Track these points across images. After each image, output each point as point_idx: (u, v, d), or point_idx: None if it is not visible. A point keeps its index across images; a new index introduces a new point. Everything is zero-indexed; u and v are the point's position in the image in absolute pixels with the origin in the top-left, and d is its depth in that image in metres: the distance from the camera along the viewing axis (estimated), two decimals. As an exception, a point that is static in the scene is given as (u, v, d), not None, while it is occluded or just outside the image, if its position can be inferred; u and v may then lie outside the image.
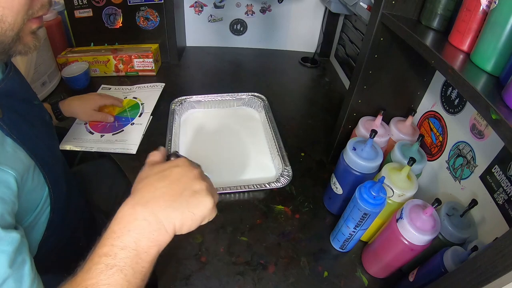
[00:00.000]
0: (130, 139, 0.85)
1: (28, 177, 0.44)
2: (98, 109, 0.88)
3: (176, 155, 0.45)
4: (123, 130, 0.89)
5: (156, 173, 0.40)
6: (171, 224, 0.37)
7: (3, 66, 0.47)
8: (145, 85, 1.08)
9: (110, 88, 1.07)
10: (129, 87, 1.08)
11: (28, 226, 0.46)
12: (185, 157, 0.43)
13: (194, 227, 0.39)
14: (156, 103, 0.99)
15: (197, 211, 0.38)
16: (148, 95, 1.02)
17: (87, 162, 0.93)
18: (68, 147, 0.82)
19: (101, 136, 0.86)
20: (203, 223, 0.40)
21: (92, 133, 0.87)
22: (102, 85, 1.07)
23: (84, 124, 0.90)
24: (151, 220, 0.36)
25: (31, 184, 0.44)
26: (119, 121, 0.92)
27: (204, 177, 0.42)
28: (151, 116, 0.94)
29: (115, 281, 0.34)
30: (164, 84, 1.07)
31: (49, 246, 0.53)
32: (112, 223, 0.37)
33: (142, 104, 0.99)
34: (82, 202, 0.69)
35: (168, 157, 0.45)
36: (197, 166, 0.44)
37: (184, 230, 0.39)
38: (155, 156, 0.44)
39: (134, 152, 0.82)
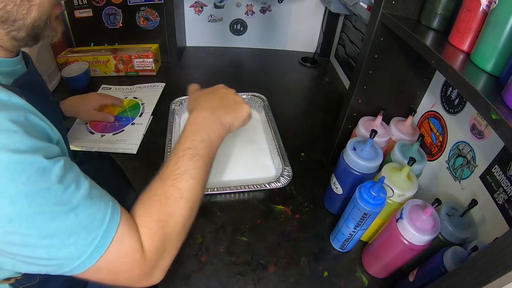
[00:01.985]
0: (131, 139, 0.85)
1: None
2: (98, 108, 0.88)
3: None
4: (123, 130, 0.89)
5: (207, 93, 0.57)
6: (228, 122, 0.53)
7: (22, 60, 0.48)
8: (146, 85, 1.08)
9: (111, 88, 1.07)
10: (129, 87, 1.08)
11: None
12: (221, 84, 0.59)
13: (239, 126, 0.55)
14: (157, 103, 0.99)
15: (241, 114, 0.55)
16: (149, 95, 1.02)
17: (87, 162, 0.93)
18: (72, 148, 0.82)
19: (102, 136, 0.86)
20: (245, 124, 0.57)
21: (93, 133, 0.87)
22: (102, 85, 1.07)
23: (85, 124, 0.90)
24: (215, 120, 0.51)
25: None
26: (120, 121, 0.92)
27: (238, 94, 0.58)
28: (152, 116, 0.94)
29: (200, 165, 0.46)
30: (164, 84, 1.07)
31: None
32: (187, 126, 0.50)
33: (142, 104, 0.99)
34: None
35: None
36: (231, 88, 0.60)
37: (234, 127, 0.55)
38: (194, 86, 0.61)
39: (135, 152, 0.82)
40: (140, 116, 0.94)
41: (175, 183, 0.44)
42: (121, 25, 1.16)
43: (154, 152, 0.82)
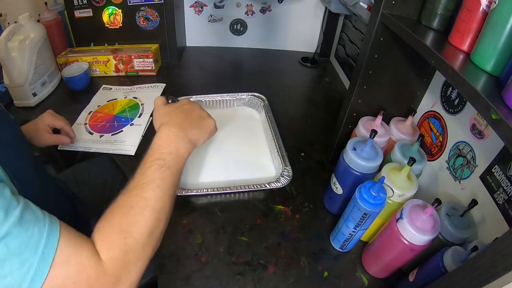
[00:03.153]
0: (129, 140, 0.85)
1: None
2: (50, 131, 0.76)
3: (173, 99, 0.63)
4: (122, 131, 0.88)
5: (173, 110, 0.58)
6: (194, 138, 0.55)
7: None
8: (146, 85, 1.08)
9: (111, 88, 1.07)
10: (129, 87, 1.07)
11: None
12: (185, 98, 0.61)
13: (205, 140, 0.58)
14: None
15: (207, 128, 0.58)
16: (149, 96, 1.02)
17: (87, 161, 0.93)
18: (67, 147, 0.82)
19: (100, 136, 0.86)
20: (210, 137, 0.60)
21: (92, 134, 0.87)
22: (103, 85, 1.07)
23: (84, 124, 0.90)
24: (183, 136, 0.53)
25: None
26: (119, 121, 0.92)
27: (203, 108, 0.61)
28: (151, 117, 0.94)
29: (167, 175, 0.47)
30: (165, 84, 1.07)
31: None
32: (156, 141, 0.51)
33: (142, 104, 0.98)
34: (62, 201, 0.67)
35: (167, 99, 0.62)
36: (195, 103, 0.62)
37: (201, 142, 0.57)
38: (160, 99, 0.61)
39: (133, 154, 0.82)
40: (139, 116, 0.94)
41: (141, 192, 0.43)
42: (121, 25, 1.16)
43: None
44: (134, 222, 0.40)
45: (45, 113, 0.77)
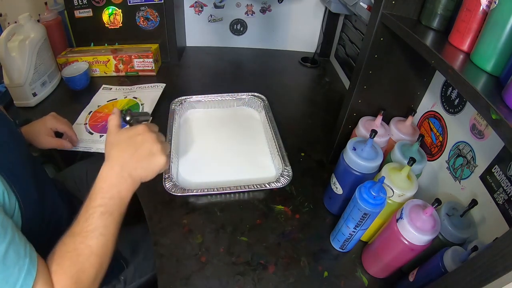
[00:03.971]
0: None
1: None
2: (53, 134, 0.76)
3: (132, 116, 0.55)
4: None
5: (122, 141, 0.52)
6: (139, 177, 0.52)
7: None
8: (146, 85, 1.08)
9: (111, 88, 1.07)
10: (129, 87, 1.07)
11: None
12: (143, 124, 0.54)
13: (152, 177, 0.54)
14: (156, 103, 0.99)
15: (155, 167, 0.53)
16: (149, 95, 1.02)
17: (86, 161, 0.93)
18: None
19: (100, 136, 0.86)
20: (159, 173, 0.55)
21: (92, 133, 0.87)
22: (103, 85, 1.07)
23: (84, 124, 0.90)
24: (126, 177, 0.50)
25: None
26: None
27: (159, 139, 0.54)
28: (151, 117, 0.94)
29: (109, 222, 0.48)
30: (164, 84, 1.07)
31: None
32: (98, 182, 0.49)
33: (142, 104, 0.99)
34: (60, 200, 0.68)
35: (124, 116, 0.55)
36: (154, 129, 0.55)
37: (147, 179, 0.53)
38: (113, 120, 0.54)
39: None
40: None
41: (85, 240, 0.45)
42: (121, 25, 1.15)
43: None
44: (82, 270, 0.44)
45: (48, 116, 0.76)
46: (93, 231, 0.46)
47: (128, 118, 0.54)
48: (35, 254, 0.41)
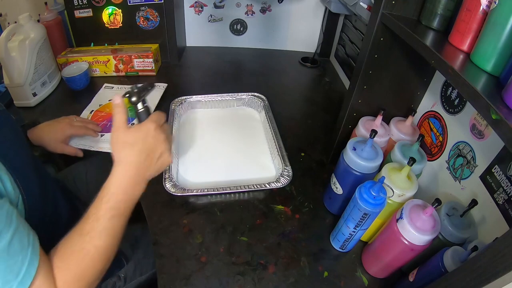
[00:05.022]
0: None
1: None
2: (67, 140, 0.77)
3: (136, 95, 0.56)
4: None
5: (136, 142, 0.52)
6: (149, 177, 0.54)
7: None
8: None
9: (113, 87, 1.07)
10: (131, 86, 1.07)
11: None
12: (152, 121, 0.54)
13: (156, 175, 0.56)
14: (158, 103, 0.99)
15: (163, 166, 0.56)
16: (150, 95, 1.01)
17: (86, 160, 0.93)
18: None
19: (101, 135, 0.86)
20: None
21: None
22: (105, 84, 1.07)
23: None
24: (141, 180, 0.52)
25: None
26: None
27: (167, 137, 0.56)
28: (154, 86, 0.93)
29: (120, 224, 0.49)
30: (166, 84, 1.07)
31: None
32: (113, 184, 0.49)
33: None
34: (61, 199, 0.68)
35: (129, 98, 0.55)
36: (162, 121, 0.57)
37: (152, 176, 0.55)
38: (120, 114, 0.52)
39: None
40: None
41: (93, 240, 0.46)
42: (121, 25, 1.16)
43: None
44: (87, 269, 0.45)
45: (64, 123, 0.76)
46: (102, 231, 0.46)
47: (134, 100, 0.56)
48: (37, 244, 0.41)
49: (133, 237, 0.77)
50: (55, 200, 0.63)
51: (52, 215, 0.60)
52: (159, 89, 1.05)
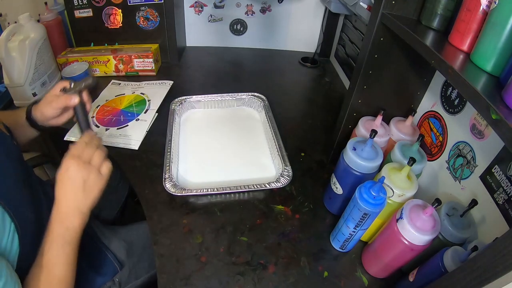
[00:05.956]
0: (134, 135, 0.86)
1: None
2: (60, 104, 0.68)
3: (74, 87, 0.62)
4: (127, 125, 0.90)
5: (78, 184, 0.53)
6: (90, 208, 0.55)
7: None
8: (154, 82, 1.09)
9: (120, 84, 1.08)
10: (138, 83, 1.09)
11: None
12: (72, 148, 0.56)
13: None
14: (163, 100, 0.99)
15: (99, 193, 0.56)
16: (156, 92, 1.03)
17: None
18: (73, 138, 0.83)
19: (106, 130, 0.88)
20: None
21: (98, 127, 0.88)
22: (112, 80, 1.09)
23: (91, 117, 0.90)
24: (83, 216, 0.54)
25: None
26: (125, 115, 0.93)
27: (104, 168, 0.57)
28: (157, 114, 0.94)
29: (70, 251, 0.51)
30: (172, 82, 1.08)
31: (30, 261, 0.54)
32: (56, 220, 0.51)
33: (149, 100, 0.99)
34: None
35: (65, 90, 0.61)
36: (102, 151, 0.58)
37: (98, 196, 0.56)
38: (76, 149, 0.55)
39: (136, 148, 0.83)
40: (145, 112, 0.94)
41: (52, 270, 0.50)
42: (121, 25, 1.16)
43: (154, 150, 0.83)
44: None
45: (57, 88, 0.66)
46: (57, 261, 0.50)
47: (71, 87, 0.62)
48: None
49: (128, 242, 0.77)
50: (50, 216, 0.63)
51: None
52: (165, 86, 1.06)
